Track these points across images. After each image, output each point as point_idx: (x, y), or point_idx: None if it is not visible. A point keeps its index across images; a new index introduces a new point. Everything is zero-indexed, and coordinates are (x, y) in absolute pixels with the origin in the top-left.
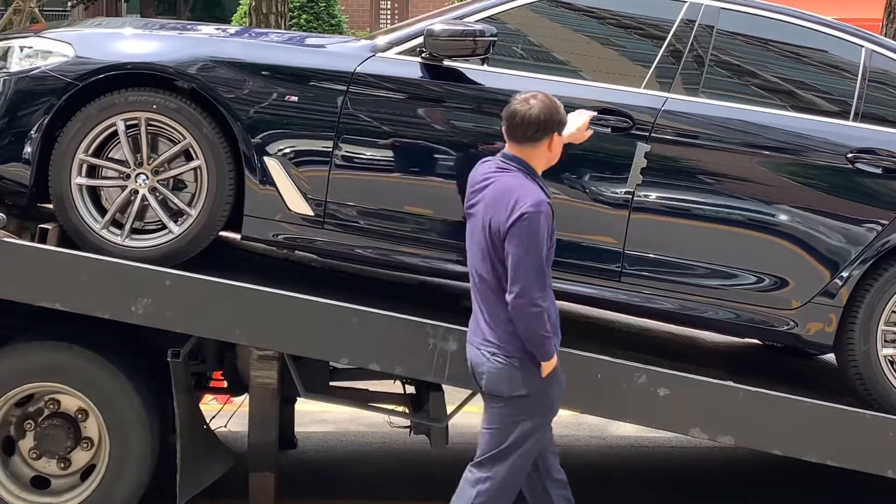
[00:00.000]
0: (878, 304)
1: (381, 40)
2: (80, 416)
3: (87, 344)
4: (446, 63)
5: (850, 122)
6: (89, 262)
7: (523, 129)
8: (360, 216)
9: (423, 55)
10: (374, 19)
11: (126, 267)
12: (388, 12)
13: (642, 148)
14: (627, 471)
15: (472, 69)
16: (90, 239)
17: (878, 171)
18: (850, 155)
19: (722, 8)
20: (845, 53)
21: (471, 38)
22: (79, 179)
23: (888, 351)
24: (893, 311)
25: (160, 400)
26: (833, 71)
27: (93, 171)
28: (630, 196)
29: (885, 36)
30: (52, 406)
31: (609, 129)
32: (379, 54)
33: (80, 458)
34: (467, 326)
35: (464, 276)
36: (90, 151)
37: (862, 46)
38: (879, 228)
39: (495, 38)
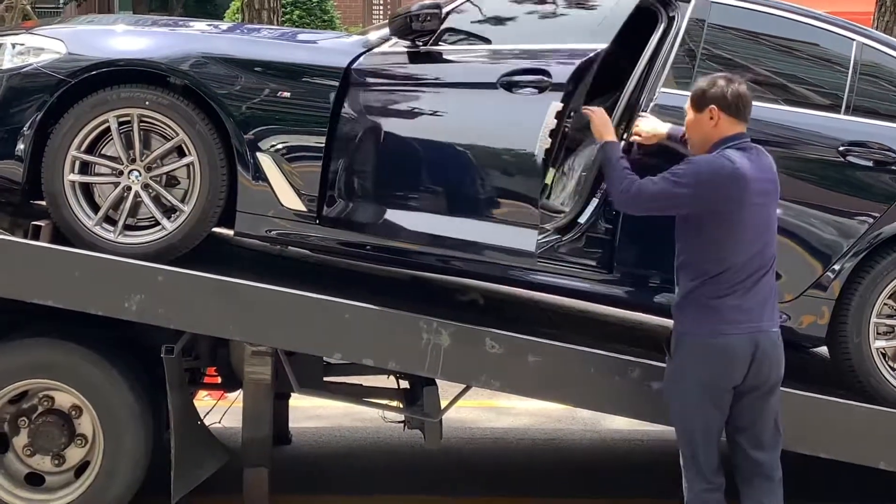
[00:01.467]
0: (870, 297)
1: (373, 36)
2: (74, 412)
3: (80, 340)
4: (423, 49)
5: (841, 116)
6: (82, 258)
7: (749, 107)
8: (353, 212)
9: (405, 45)
10: (366, 15)
11: (119, 263)
12: (381, 8)
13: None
14: (621, 464)
15: (451, 49)
16: (83, 236)
17: (870, 164)
18: (841, 148)
19: (713, 2)
20: (836, 47)
21: (416, 12)
22: (71, 176)
23: (880, 343)
24: (885, 304)
25: (154, 396)
26: (824, 64)
27: (85, 168)
28: None
29: (876, 29)
30: (46, 403)
31: None
32: (371, 50)
33: (74, 454)
34: (460, 321)
35: (456, 270)
36: (83, 148)
37: (853, 40)
38: (871, 221)
39: (437, 10)
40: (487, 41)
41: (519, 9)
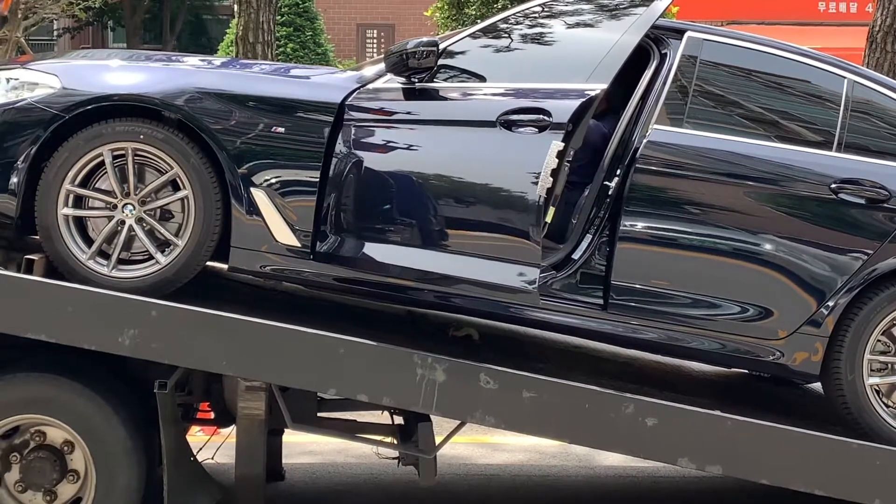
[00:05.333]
0: (863, 333)
1: (368, 71)
2: (66, 448)
3: (73, 375)
4: (418, 86)
5: (833, 153)
6: (76, 292)
7: None
8: (348, 247)
9: (400, 81)
10: (360, 48)
11: (113, 298)
12: (375, 41)
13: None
14: (615, 501)
15: (446, 86)
16: (77, 270)
17: (862, 201)
18: (833, 185)
19: (705, 39)
20: (828, 84)
21: (412, 50)
22: (65, 210)
23: (874, 380)
24: (879, 340)
25: (147, 432)
26: (816, 101)
27: (79, 202)
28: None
29: (868, 66)
30: (38, 438)
31: None
32: (365, 85)
33: (66, 490)
34: (456, 356)
35: (452, 307)
36: (77, 182)
37: (844, 77)
38: (865, 258)
39: (434, 48)
40: (483, 79)
41: (516, 47)
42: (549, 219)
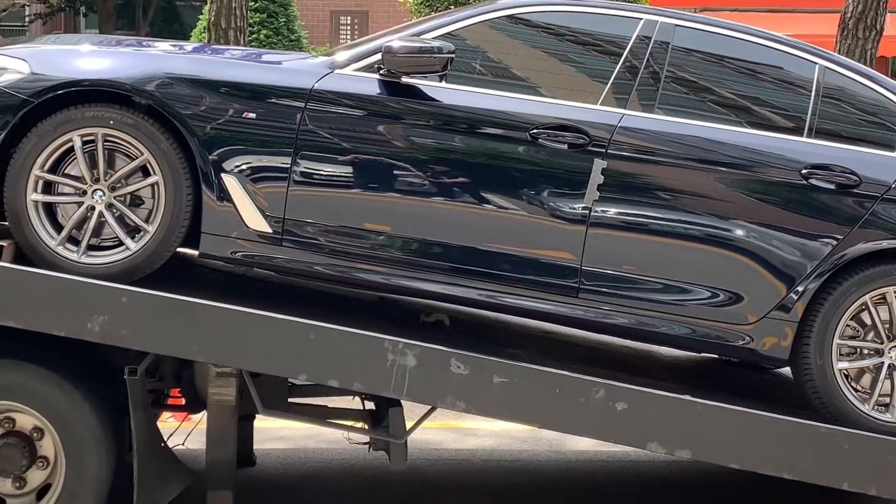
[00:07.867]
0: (832, 318)
1: (340, 57)
2: (35, 434)
3: (42, 362)
4: (405, 80)
5: (804, 139)
6: (45, 279)
7: None
8: (319, 233)
9: (381, 72)
10: (333, 35)
11: (82, 284)
12: (348, 27)
13: (599, 164)
14: (586, 485)
15: (431, 86)
16: (46, 256)
17: (832, 186)
18: (804, 171)
19: (677, 25)
20: (799, 70)
21: (428, 55)
22: (34, 196)
23: (843, 364)
24: (848, 325)
25: (117, 418)
26: (787, 87)
27: (49, 188)
28: (587, 212)
29: (839, 53)
30: (7, 424)
31: (566, 146)
32: (337, 71)
33: (35, 477)
34: (426, 342)
35: (423, 293)
36: (46, 168)
37: (815, 63)
38: (835, 243)
39: (453, 55)
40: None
41: (518, 52)
42: None
